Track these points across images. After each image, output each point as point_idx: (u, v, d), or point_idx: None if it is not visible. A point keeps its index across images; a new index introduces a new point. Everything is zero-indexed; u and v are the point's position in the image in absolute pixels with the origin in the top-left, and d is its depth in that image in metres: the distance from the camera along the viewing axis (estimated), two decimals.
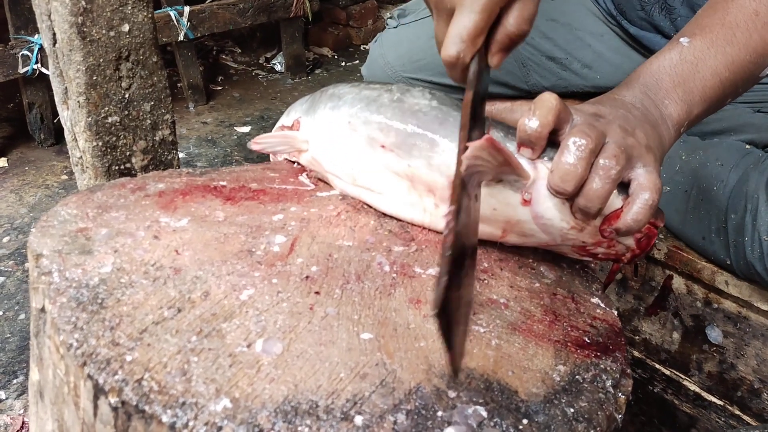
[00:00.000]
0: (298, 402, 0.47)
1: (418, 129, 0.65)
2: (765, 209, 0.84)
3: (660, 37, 1.05)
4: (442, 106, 0.67)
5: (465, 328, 0.49)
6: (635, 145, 0.59)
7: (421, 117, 0.66)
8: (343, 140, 0.69)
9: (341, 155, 0.70)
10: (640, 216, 0.58)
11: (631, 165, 0.59)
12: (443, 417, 0.48)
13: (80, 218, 0.63)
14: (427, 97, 0.68)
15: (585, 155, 0.56)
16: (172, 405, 0.45)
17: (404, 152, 0.65)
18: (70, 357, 0.49)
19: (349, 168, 0.69)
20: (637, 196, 0.58)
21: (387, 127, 0.66)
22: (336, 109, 0.71)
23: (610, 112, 0.62)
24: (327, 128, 0.71)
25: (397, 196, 0.67)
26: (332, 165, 0.71)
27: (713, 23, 0.69)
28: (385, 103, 0.68)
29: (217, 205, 0.67)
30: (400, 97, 0.68)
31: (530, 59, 1.15)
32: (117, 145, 0.93)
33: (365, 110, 0.68)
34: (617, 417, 0.52)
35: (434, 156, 0.64)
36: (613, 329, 0.61)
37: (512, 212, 0.63)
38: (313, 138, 0.73)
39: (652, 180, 0.58)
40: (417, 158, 0.65)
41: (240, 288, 0.56)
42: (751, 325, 0.95)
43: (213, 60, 2.98)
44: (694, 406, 1.05)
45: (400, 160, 0.65)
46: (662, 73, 0.67)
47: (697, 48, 0.68)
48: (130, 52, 0.90)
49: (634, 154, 0.59)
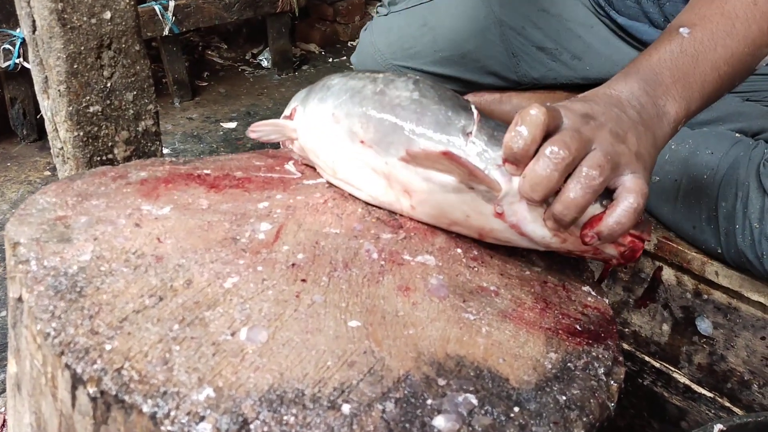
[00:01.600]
0: (284, 391, 0.45)
1: (396, 125, 0.63)
2: (755, 196, 0.83)
3: (648, 26, 1.04)
4: (422, 99, 0.64)
5: None
6: (624, 152, 0.57)
7: (400, 112, 0.63)
8: (327, 132, 0.68)
9: (324, 147, 0.68)
10: (623, 219, 0.56)
11: (618, 173, 0.57)
12: (433, 405, 0.46)
13: (59, 206, 0.61)
14: (410, 89, 0.65)
15: (560, 168, 0.54)
16: (153, 394, 0.44)
17: (382, 149, 0.63)
18: (47, 347, 0.47)
19: (330, 161, 0.68)
20: (621, 199, 0.56)
21: (367, 121, 0.64)
22: (323, 101, 0.69)
23: (603, 113, 0.59)
24: (314, 119, 0.69)
25: (376, 193, 0.66)
26: (316, 156, 0.70)
27: (712, 13, 0.67)
28: (367, 95, 0.66)
29: (201, 193, 0.66)
30: (383, 89, 0.66)
31: (520, 49, 1.15)
32: (99, 135, 0.91)
33: (348, 102, 0.66)
34: (610, 405, 0.51)
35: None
36: (604, 317, 0.60)
37: (485, 222, 0.61)
38: (302, 127, 0.71)
39: (639, 185, 0.57)
40: (394, 156, 0.62)
41: (224, 276, 0.55)
42: (741, 316, 0.94)
43: (199, 55, 2.95)
44: (684, 398, 1.05)
45: (377, 156, 0.63)
46: (662, 66, 0.65)
47: (698, 40, 0.66)
48: (112, 40, 0.88)
49: (622, 161, 0.57)
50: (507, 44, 1.14)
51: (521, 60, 1.14)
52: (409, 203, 0.64)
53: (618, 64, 1.10)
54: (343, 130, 0.66)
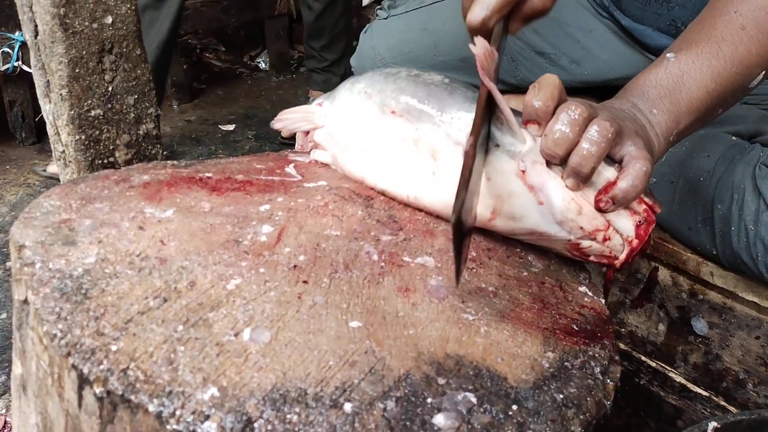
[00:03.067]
0: (287, 390, 0.46)
1: (428, 97, 0.68)
2: (751, 199, 0.84)
3: (651, 30, 1.05)
4: (453, 83, 0.70)
5: (469, 241, 0.59)
6: (624, 125, 0.62)
7: (433, 88, 0.69)
8: (357, 109, 0.72)
9: (353, 127, 0.72)
10: (636, 181, 0.60)
11: (622, 141, 0.61)
12: (433, 404, 0.47)
13: (63, 209, 0.62)
14: (442, 76, 0.71)
15: (579, 122, 0.59)
16: (159, 394, 0.45)
17: (413, 117, 0.68)
18: (53, 348, 0.48)
19: (359, 137, 0.72)
20: (631, 164, 0.60)
21: (399, 93, 0.69)
22: (354, 85, 0.74)
23: (601, 108, 0.64)
24: (344, 103, 0.74)
25: (401, 162, 0.69)
26: (344, 141, 0.73)
27: (699, 38, 0.71)
28: (402, 76, 0.71)
29: (203, 196, 0.67)
30: (418, 73, 0.72)
31: (520, 54, 1.16)
32: (100, 138, 0.92)
33: (382, 81, 0.72)
34: (606, 403, 0.52)
35: (441, 121, 0.66)
36: (600, 317, 0.61)
37: (505, 184, 0.63)
38: (331, 114, 0.76)
39: (644, 153, 0.61)
40: (425, 122, 0.67)
41: (227, 277, 0.56)
42: (736, 315, 0.95)
43: (197, 58, 2.96)
44: (680, 397, 1.06)
45: (408, 124, 0.68)
46: (648, 86, 0.69)
47: (682, 62, 0.70)
48: (114, 45, 0.89)
49: (625, 132, 0.62)
50: (507, 49, 1.15)
51: (520, 64, 1.15)
52: (431, 168, 0.67)
53: (616, 69, 1.11)
54: (374, 104, 0.70)
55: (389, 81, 0.71)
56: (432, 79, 0.70)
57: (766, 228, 0.82)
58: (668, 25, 1.03)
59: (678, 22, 1.02)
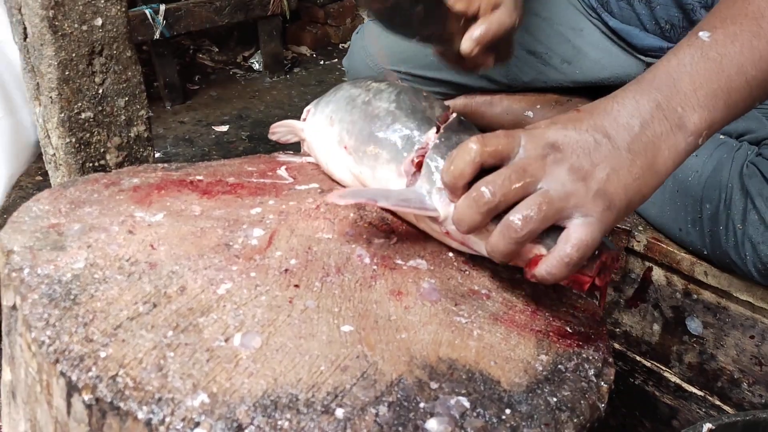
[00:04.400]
0: (278, 396, 0.46)
1: (369, 136, 0.66)
2: (738, 198, 0.84)
3: (639, 30, 1.05)
4: (396, 111, 0.67)
5: None
6: (578, 192, 0.53)
7: (376, 123, 0.67)
8: (324, 134, 0.73)
9: (322, 148, 0.73)
10: (554, 270, 0.53)
11: (563, 215, 0.53)
12: (425, 408, 0.47)
13: (52, 214, 0.62)
14: (391, 100, 0.68)
15: (482, 210, 0.53)
16: (148, 401, 0.44)
17: (358, 158, 0.67)
18: (42, 354, 0.48)
19: (324, 162, 0.74)
20: (556, 249, 0.54)
21: (351, 128, 0.69)
22: (327, 105, 0.74)
23: (576, 142, 0.55)
24: (318, 120, 0.75)
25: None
26: (317, 155, 0.75)
27: (735, 14, 0.61)
28: (357, 104, 0.70)
29: (194, 200, 0.66)
30: (370, 99, 0.69)
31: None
32: (91, 141, 0.91)
33: (342, 109, 0.71)
34: (600, 405, 0.52)
35: (377, 168, 0.66)
36: (594, 319, 0.61)
37: (440, 237, 0.64)
38: (310, 128, 0.76)
39: (580, 234, 0.53)
40: (365, 167, 0.67)
41: (217, 282, 0.55)
42: (731, 315, 0.95)
43: (190, 59, 2.95)
44: (675, 397, 1.06)
45: (354, 164, 0.68)
46: (681, 72, 0.58)
47: (720, 42, 0.59)
48: (104, 47, 0.88)
49: (571, 203, 0.53)
50: None
51: (512, 64, 1.14)
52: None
53: (607, 69, 1.11)
54: (334, 134, 0.71)
55: (347, 109, 0.70)
56: (378, 108, 0.68)
57: (754, 227, 0.82)
58: (654, 25, 1.03)
59: (662, 22, 1.02)
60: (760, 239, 0.82)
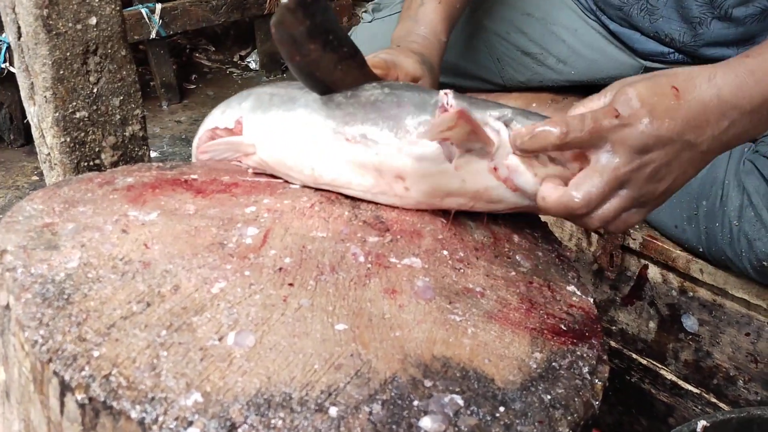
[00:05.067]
0: (272, 394, 0.46)
1: (381, 115, 0.66)
2: (735, 194, 0.84)
3: (639, 35, 1.04)
4: (394, 91, 0.68)
5: None
6: (648, 193, 0.60)
7: (380, 105, 0.66)
8: (303, 138, 0.68)
9: (300, 154, 0.68)
10: (554, 206, 0.61)
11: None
12: (419, 406, 0.47)
13: (46, 213, 0.62)
14: (380, 87, 0.69)
15: (569, 213, 0.60)
16: (141, 400, 0.44)
17: (371, 141, 0.65)
18: (35, 354, 0.48)
19: (309, 167, 0.68)
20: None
21: (351, 119, 0.66)
22: (291, 110, 0.69)
23: (661, 150, 0.57)
24: (282, 129, 0.69)
25: (366, 186, 0.67)
26: (286, 166, 0.69)
27: None
28: (341, 101, 0.68)
29: (188, 198, 0.66)
30: (354, 93, 0.69)
31: (506, 54, 1.15)
32: (86, 140, 0.91)
33: (323, 108, 0.68)
34: (594, 403, 0.52)
35: (401, 140, 0.64)
36: (589, 316, 0.61)
37: (480, 181, 0.64)
38: (264, 140, 0.71)
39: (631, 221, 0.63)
40: (385, 145, 0.65)
41: (211, 281, 0.55)
42: (726, 312, 0.95)
43: (186, 58, 2.95)
44: (671, 394, 1.06)
45: (367, 150, 0.65)
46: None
47: None
48: (98, 46, 0.88)
49: (641, 200, 0.61)
50: (491, 50, 1.14)
51: (506, 65, 1.15)
52: (403, 186, 0.66)
53: (604, 69, 1.11)
54: (325, 133, 0.67)
55: (332, 107, 0.68)
56: (373, 95, 0.68)
57: (750, 224, 0.82)
58: (653, 35, 1.03)
59: (661, 34, 1.01)
60: (755, 236, 0.82)
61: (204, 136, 0.78)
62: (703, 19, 0.96)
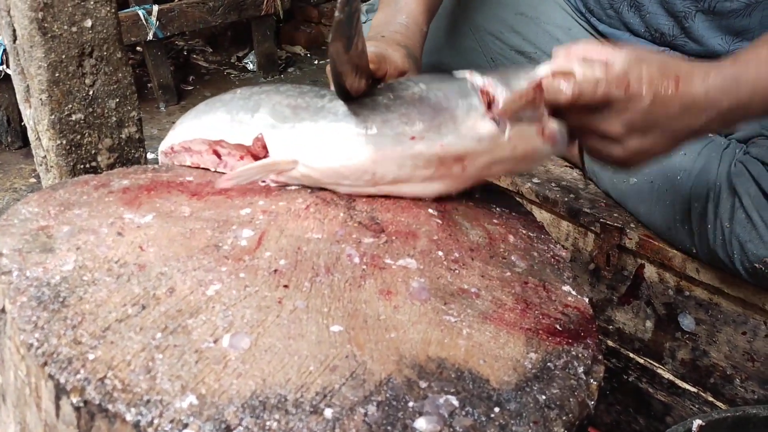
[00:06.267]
0: (267, 396, 0.46)
1: (436, 108, 0.69)
2: (726, 196, 0.84)
3: (629, 35, 1.05)
4: (431, 85, 0.71)
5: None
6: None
7: (428, 101, 0.69)
8: (357, 148, 0.67)
9: (357, 164, 0.68)
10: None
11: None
12: (414, 407, 0.47)
13: (42, 216, 0.62)
14: (413, 83, 0.72)
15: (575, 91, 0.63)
16: (137, 403, 0.44)
17: (434, 134, 0.68)
18: (30, 357, 0.48)
19: (369, 174, 0.68)
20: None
21: (409, 118, 0.68)
22: (336, 121, 0.68)
23: (654, 129, 0.65)
24: (331, 140, 0.68)
25: (425, 177, 0.70)
26: (344, 176, 0.69)
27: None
28: (389, 104, 0.69)
29: (183, 201, 0.66)
30: (395, 94, 0.70)
31: (500, 54, 1.15)
32: (82, 143, 0.91)
33: (373, 114, 0.68)
34: (589, 403, 0.52)
35: (461, 126, 0.68)
36: (584, 316, 0.61)
37: (531, 143, 0.70)
38: (307, 154, 0.68)
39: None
40: (446, 135, 0.68)
41: (206, 283, 0.55)
42: (722, 311, 0.96)
43: (184, 59, 2.95)
44: (669, 393, 1.06)
45: (432, 143, 0.68)
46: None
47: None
48: (94, 48, 0.88)
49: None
50: (485, 49, 1.15)
51: (501, 64, 1.15)
52: (461, 167, 0.70)
53: None
54: (384, 135, 0.67)
55: (382, 111, 0.68)
56: (416, 92, 0.70)
57: (741, 225, 0.82)
58: (644, 31, 1.03)
59: (651, 29, 1.01)
60: (747, 238, 0.82)
61: (178, 147, 0.75)
62: (688, 13, 0.96)
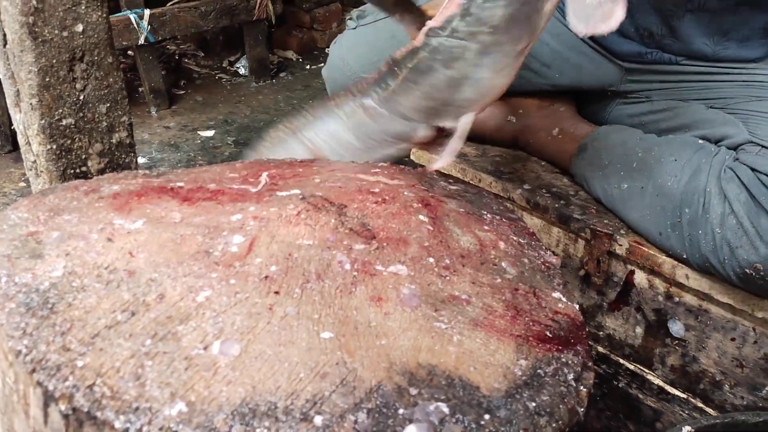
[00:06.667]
0: (257, 404, 0.46)
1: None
2: (717, 202, 0.85)
3: (616, 36, 1.06)
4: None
5: None
6: None
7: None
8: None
9: None
10: None
11: None
12: (405, 415, 0.47)
13: (31, 222, 0.61)
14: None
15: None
16: (125, 410, 0.44)
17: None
18: (18, 364, 0.48)
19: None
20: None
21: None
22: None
23: None
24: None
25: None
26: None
27: None
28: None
29: (174, 206, 0.66)
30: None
31: None
32: (72, 148, 0.90)
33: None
34: (579, 410, 0.52)
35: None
36: (574, 323, 0.61)
37: None
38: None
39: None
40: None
41: (197, 289, 0.55)
42: (712, 317, 0.96)
43: (175, 64, 2.94)
44: (658, 399, 1.06)
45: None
46: None
47: None
48: (84, 53, 0.88)
49: None
50: None
51: None
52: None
53: (588, 73, 1.12)
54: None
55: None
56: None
57: (732, 231, 0.83)
58: (633, 31, 1.04)
59: (641, 29, 1.02)
60: (737, 243, 0.82)
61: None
62: (676, 12, 0.97)
